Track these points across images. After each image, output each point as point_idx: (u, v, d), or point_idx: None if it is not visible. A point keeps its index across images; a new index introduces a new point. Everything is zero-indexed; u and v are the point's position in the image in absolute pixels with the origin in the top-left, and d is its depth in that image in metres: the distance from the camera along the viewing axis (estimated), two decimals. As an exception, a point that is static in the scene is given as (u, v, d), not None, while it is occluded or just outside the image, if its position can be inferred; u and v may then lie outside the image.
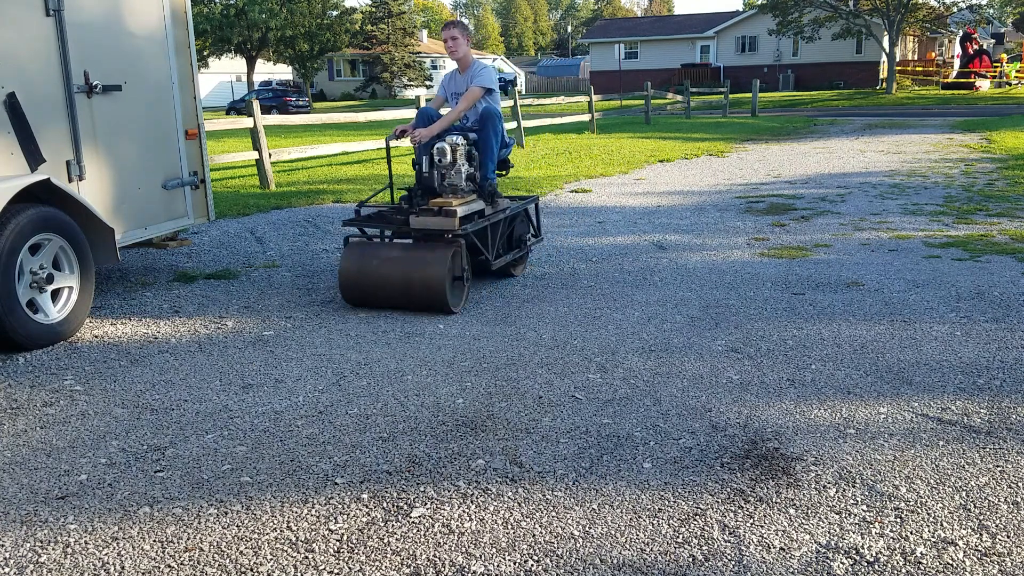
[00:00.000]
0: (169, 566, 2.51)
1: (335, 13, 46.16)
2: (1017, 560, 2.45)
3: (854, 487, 2.89)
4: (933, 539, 2.57)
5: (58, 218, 4.68)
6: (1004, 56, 43.99)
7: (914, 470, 3.01)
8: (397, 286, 5.09)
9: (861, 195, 9.61)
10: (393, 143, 5.79)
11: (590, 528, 2.67)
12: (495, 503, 2.84)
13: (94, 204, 5.03)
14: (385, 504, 2.85)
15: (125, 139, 5.44)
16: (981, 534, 2.59)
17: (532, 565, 2.49)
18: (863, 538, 2.58)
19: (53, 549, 2.62)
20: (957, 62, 43.14)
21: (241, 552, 2.58)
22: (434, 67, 58.76)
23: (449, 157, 5.23)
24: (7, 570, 2.51)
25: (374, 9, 54.26)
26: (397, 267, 5.10)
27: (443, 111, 5.95)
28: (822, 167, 12.51)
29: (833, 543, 2.56)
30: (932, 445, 3.20)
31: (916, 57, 48.00)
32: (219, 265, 6.66)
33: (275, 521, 2.76)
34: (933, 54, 47.61)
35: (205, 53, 42.09)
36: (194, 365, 4.30)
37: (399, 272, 5.08)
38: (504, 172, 6.09)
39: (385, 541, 2.63)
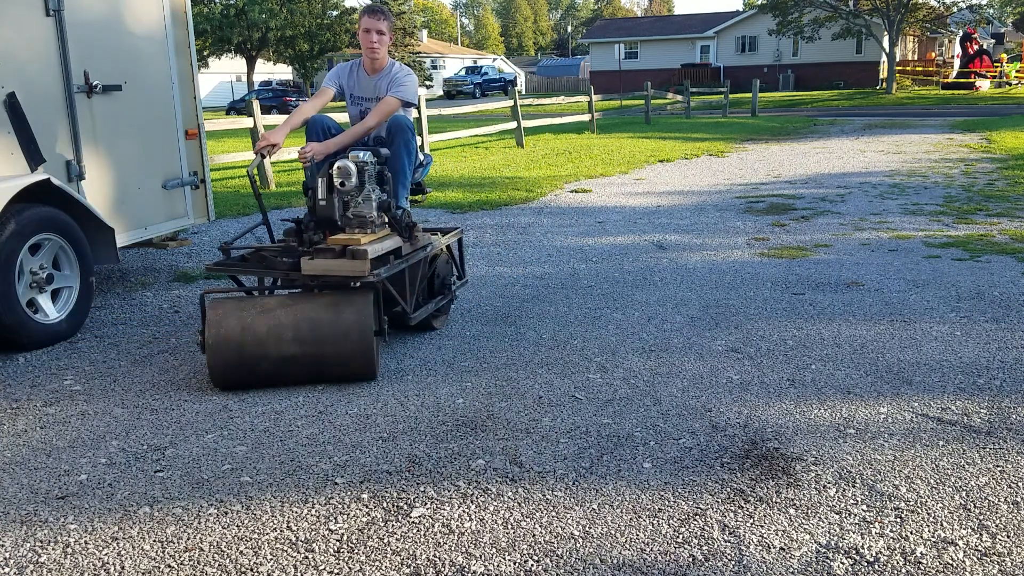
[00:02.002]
0: (169, 566, 2.52)
1: (335, 13, 46.15)
2: (1017, 560, 2.45)
3: (854, 487, 2.89)
4: (933, 539, 2.58)
5: (58, 218, 4.68)
6: (1004, 56, 43.98)
7: (914, 470, 3.01)
8: (304, 353, 3.82)
9: (861, 195, 9.61)
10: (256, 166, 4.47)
11: (590, 528, 2.68)
12: (495, 503, 2.84)
13: (94, 204, 5.03)
14: (385, 504, 2.85)
15: (125, 139, 5.44)
16: (981, 534, 2.60)
17: (532, 565, 2.49)
18: (863, 538, 2.58)
19: (53, 549, 2.62)
20: (957, 62, 43.14)
21: (241, 552, 2.58)
22: (434, 67, 58.72)
23: (355, 179, 4.03)
24: (7, 570, 2.52)
25: (374, 9, 54.19)
26: (301, 326, 3.81)
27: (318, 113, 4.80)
28: (822, 167, 12.51)
29: (833, 543, 2.56)
30: (932, 445, 3.20)
31: (916, 57, 47.99)
32: (219, 265, 6.65)
33: (275, 521, 2.76)
34: (933, 54, 47.62)
35: (205, 53, 42.09)
36: (194, 365, 4.30)
37: (304, 333, 3.80)
38: (420, 198, 5.08)
39: (385, 541, 2.63)
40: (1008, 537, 2.58)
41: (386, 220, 4.27)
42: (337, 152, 4.39)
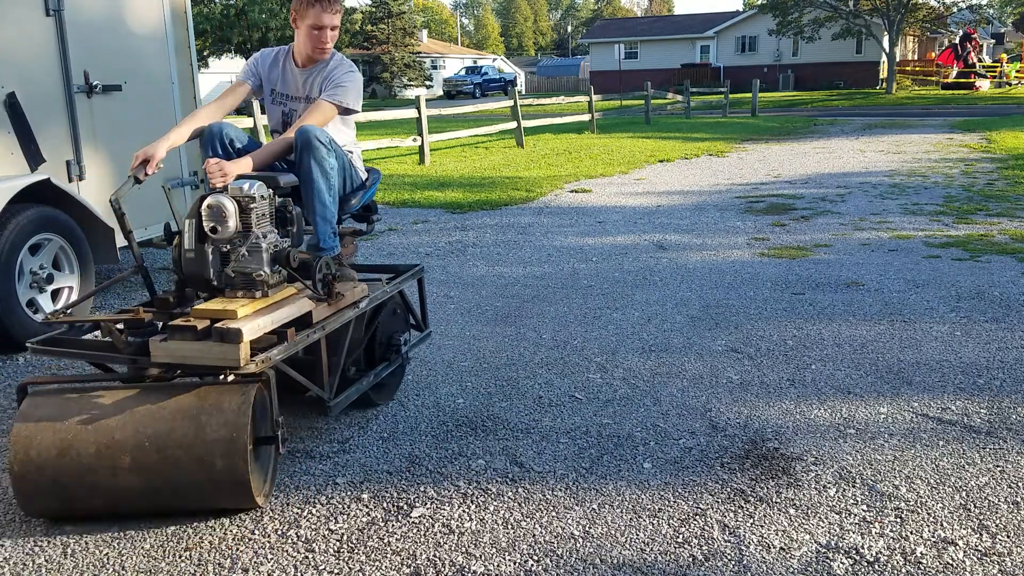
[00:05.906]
0: (169, 566, 2.52)
1: (335, 13, 46.12)
2: (1017, 560, 2.45)
3: (854, 487, 2.89)
4: (933, 539, 2.58)
5: (58, 218, 4.68)
6: (1004, 56, 43.97)
7: (914, 470, 3.01)
8: (147, 486, 2.67)
9: (861, 195, 9.61)
10: (121, 195, 3.13)
11: (590, 528, 2.68)
12: (495, 503, 2.84)
13: (94, 204, 5.03)
14: (385, 504, 2.85)
15: (125, 139, 5.44)
16: (981, 534, 2.60)
17: (532, 565, 2.49)
18: (863, 538, 2.58)
19: (53, 549, 2.62)
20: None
21: (241, 552, 2.58)
22: (434, 67, 58.70)
23: (233, 222, 2.85)
24: (7, 570, 2.52)
25: (374, 9, 54.23)
26: (144, 446, 2.65)
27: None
28: (822, 167, 12.51)
29: (833, 543, 2.56)
30: (932, 445, 3.20)
31: (916, 57, 48.00)
32: (219, 265, 6.64)
33: (275, 521, 2.76)
34: (933, 54, 47.62)
35: (205, 53, 42.06)
36: (194, 365, 4.29)
37: (148, 457, 2.65)
38: (367, 228, 3.86)
39: (385, 541, 2.63)
40: (1008, 537, 2.58)
41: (289, 273, 3.03)
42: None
